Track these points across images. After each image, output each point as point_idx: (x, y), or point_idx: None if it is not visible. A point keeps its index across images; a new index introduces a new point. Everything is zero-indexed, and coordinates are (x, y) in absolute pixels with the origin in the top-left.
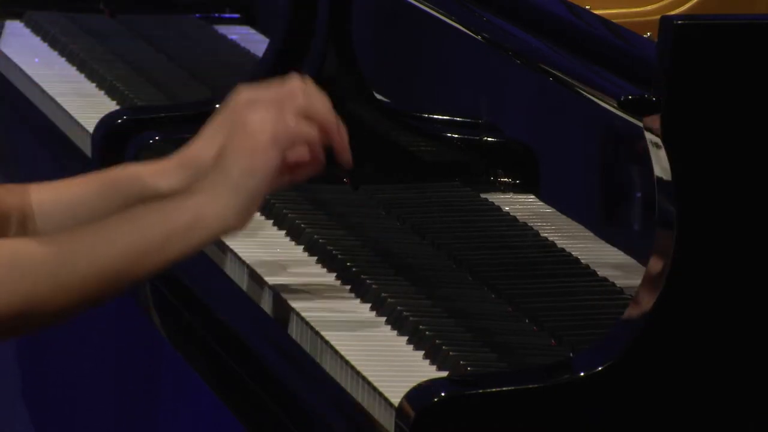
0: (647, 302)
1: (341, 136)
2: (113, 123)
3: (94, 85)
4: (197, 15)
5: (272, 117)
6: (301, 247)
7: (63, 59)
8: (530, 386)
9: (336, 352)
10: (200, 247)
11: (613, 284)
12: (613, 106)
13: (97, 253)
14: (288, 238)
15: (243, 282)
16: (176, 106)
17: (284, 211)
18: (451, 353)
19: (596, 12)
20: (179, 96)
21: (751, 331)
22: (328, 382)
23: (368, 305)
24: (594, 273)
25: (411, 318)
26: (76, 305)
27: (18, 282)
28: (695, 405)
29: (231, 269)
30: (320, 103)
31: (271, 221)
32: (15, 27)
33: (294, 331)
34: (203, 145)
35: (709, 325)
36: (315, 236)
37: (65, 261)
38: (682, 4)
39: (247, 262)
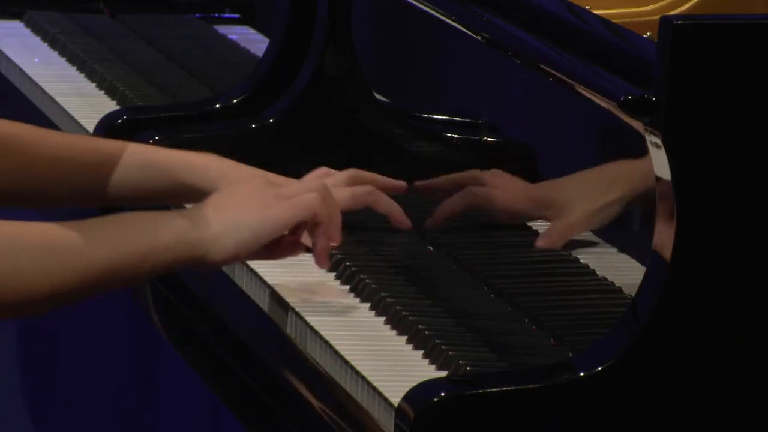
0: (647, 302)
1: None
2: (113, 123)
3: (94, 85)
4: (197, 15)
5: (314, 183)
6: None
7: (63, 59)
8: (530, 386)
9: (336, 352)
10: (181, 266)
11: (613, 284)
12: (613, 106)
13: (80, 248)
14: None
15: (243, 282)
16: (176, 106)
17: None
18: (450, 353)
19: (596, 12)
20: (179, 96)
21: (751, 331)
22: (327, 381)
23: (368, 305)
24: (594, 273)
25: (411, 318)
26: (54, 294)
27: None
28: (695, 405)
29: (230, 269)
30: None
31: None
32: (15, 27)
33: (293, 330)
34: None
35: (709, 324)
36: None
37: (51, 248)
38: (682, 4)
39: (247, 262)
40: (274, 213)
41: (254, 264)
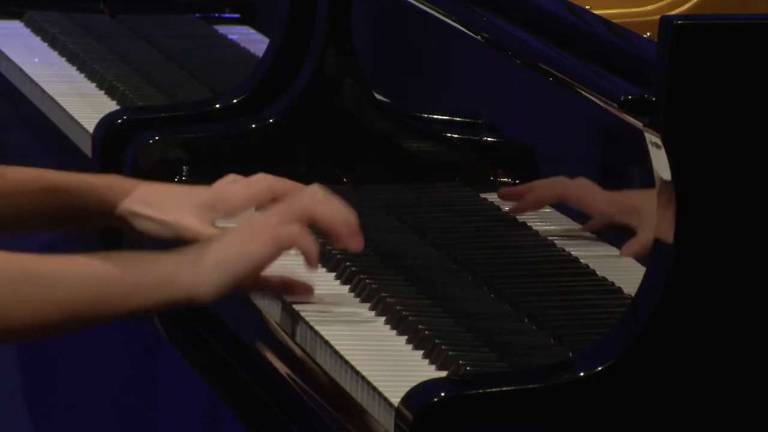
0: (647, 302)
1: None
2: (113, 123)
3: (94, 85)
4: (197, 15)
5: (280, 216)
6: None
7: (63, 59)
8: (530, 386)
9: (336, 351)
10: (165, 307)
11: (613, 284)
12: (613, 106)
13: (62, 280)
14: None
15: None
16: (176, 106)
17: None
18: (450, 353)
19: (596, 12)
20: (179, 96)
21: (751, 331)
22: (327, 381)
23: (368, 305)
24: (594, 273)
25: (411, 318)
26: (32, 326)
27: None
28: (695, 405)
29: None
30: (330, 209)
31: None
32: (15, 27)
33: (294, 330)
34: (186, 206)
35: (709, 324)
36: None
37: (29, 279)
38: (682, 4)
39: None
40: (252, 250)
41: None
